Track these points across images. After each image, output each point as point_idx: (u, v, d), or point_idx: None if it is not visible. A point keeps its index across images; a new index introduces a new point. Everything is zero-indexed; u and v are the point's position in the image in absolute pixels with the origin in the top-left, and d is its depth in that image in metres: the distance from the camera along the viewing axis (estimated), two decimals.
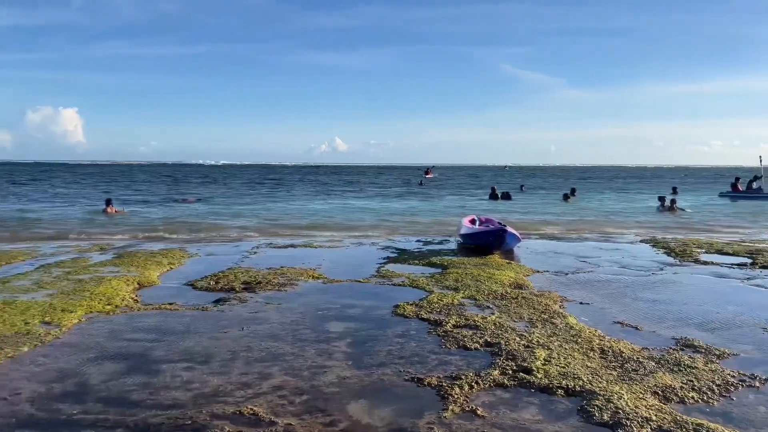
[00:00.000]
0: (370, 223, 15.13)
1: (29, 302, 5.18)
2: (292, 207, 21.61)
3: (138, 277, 6.50)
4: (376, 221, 15.71)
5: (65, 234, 11.87)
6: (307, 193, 33.63)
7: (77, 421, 2.96)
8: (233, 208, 20.65)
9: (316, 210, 20.07)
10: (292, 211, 19.70)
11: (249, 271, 6.97)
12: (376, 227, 14.03)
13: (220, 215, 17.58)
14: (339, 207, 21.80)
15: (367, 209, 20.73)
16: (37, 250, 8.77)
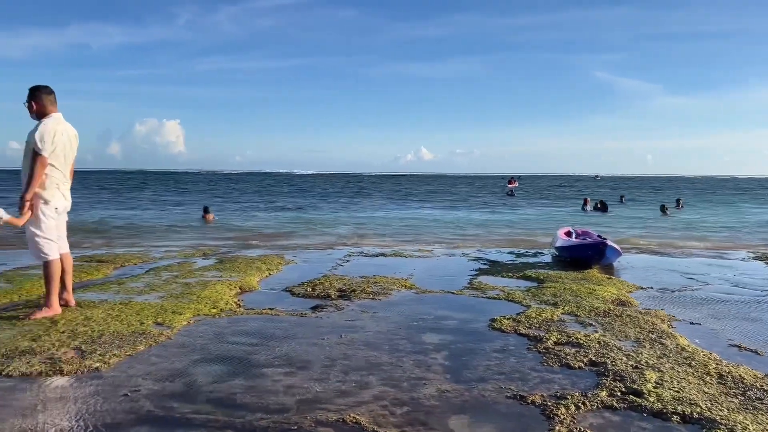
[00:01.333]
0: (458, 233, 15.00)
1: (143, 303, 5.51)
2: (379, 216, 21.84)
3: (239, 282, 6.76)
4: (464, 231, 15.55)
5: (170, 239, 12.59)
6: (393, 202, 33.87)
7: (190, 420, 3.09)
8: (323, 217, 21.15)
9: (403, 219, 20.16)
10: (380, 219, 19.89)
11: (343, 279, 7.08)
12: (464, 237, 13.90)
13: (312, 223, 18.04)
14: (425, 216, 21.79)
15: (453, 219, 20.59)
16: (147, 254, 9.35)
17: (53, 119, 4.93)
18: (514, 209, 27.18)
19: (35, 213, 4.86)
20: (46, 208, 4.89)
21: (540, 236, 14.39)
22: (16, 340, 4.28)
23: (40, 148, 4.76)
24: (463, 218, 21.21)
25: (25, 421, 3.00)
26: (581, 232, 10.45)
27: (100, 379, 3.62)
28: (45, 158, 4.79)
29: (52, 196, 4.92)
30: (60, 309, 5.08)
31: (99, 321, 4.84)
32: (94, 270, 7.56)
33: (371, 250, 10.59)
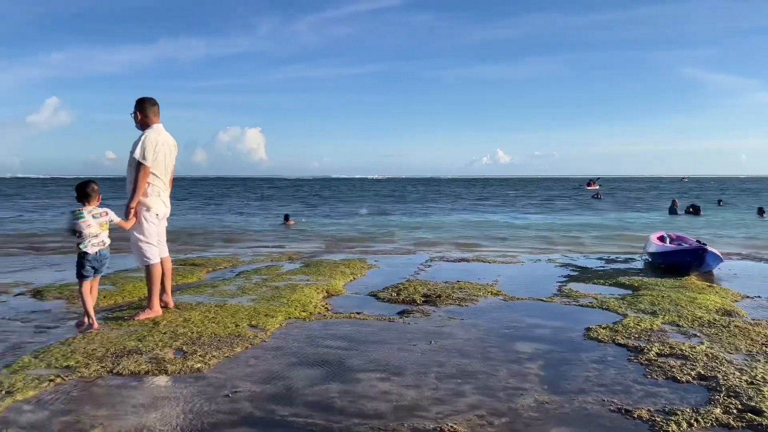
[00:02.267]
0: (542, 238, 14.61)
1: (237, 306, 5.69)
2: (456, 220, 21.64)
3: (326, 286, 6.86)
4: (547, 236, 15.13)
5: (255, 244, 12.99)
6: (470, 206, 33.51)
7: (290, 423, 3.14)
8: (401, 221, 21.20)
9: (482, 223, 19.88)
10: (457, 223, 19.71)
11: (427, 284, 7.04)
12: (548, 242, 13.51)
13: (390, 227, 18.12)
14: (505, 221, 21.39)
15: (535, 223, 20.09)
16: (236, 258, 9.68)
17: (154, 130, 5.19)
18: (598, 212, 26.21)
19: (138, 219, 5.12)
20: (148, 214, 5.15)
21: (629, 241, 13.78)
22: (124, 340, 4.51)
23: (142, 158, 5.01)
24: (545, 222, 20.66)
25: (138, 418, 3.15)
26: (675, 237, 9.90)
27: (202, 380, 3.74)
28: (147, 168, 5.04)
29: (154, 203, 5.17)
30: (161, 311, 5.32)
31: (197, 323, 5.03)
32: (189, 273, 7.89)
33: (452, 254, 10.48)
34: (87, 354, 4.15)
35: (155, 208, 5.19)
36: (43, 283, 7.16)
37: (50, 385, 3.58)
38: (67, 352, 4.18)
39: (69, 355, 4.12)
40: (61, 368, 3.89)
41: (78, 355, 4.11)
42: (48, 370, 3.86)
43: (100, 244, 4.88)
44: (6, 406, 3.26)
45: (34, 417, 3.14)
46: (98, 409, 3.26)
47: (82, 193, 4.85)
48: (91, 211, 4.85)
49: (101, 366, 3.92)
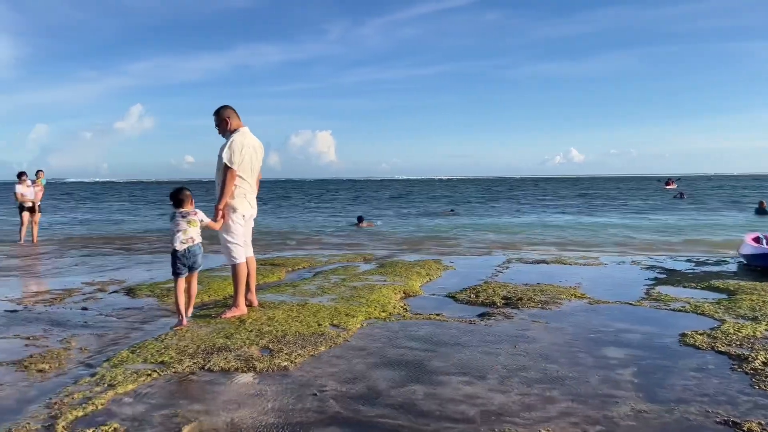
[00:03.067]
0: (623, 239, 14.04)
1: (318, 305, 5.77)
2: (530, 220, 21.16)
3: (403, 287, 6.85)
4: (629, 237, 14.52)
5: (330, 245, 13.17)
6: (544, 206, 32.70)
7: (377, 424, 3.13)
8: (473, 222, 20.95)
9: (558, 224, 19.34)
10: (532, 224, 19.26)
11: (506, 286, 6.89)
12: (630, 243, 12.97)
13: (463, 228, 17.94)
14: (581, 221, 20.72)
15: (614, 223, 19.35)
16: (313, 259, 9.84)
17: (240, 133, 5.33)
18: (680, 213, 24.96)
19: (225, 220, 5.28)
20: (235, 215, 5.30)
21: (719, 242, 13.02)
22: (213, 337, 4.66)
23: (229, 161, 5.17)
24: (624, 223, 19.86)
25: (231, 414, 3.23)
26: None
27: (289, 378, 3.80)
28: (234, 171, 5.19)
29: (240, 205, 5.32)
30: (246, 309, 5.47)
31: (281, 321, 5.13)
32: (269, 273, 8.08)
33: (530, 256, 10.24)
34: (179, 350, 4.31)
35: (241, 209, 5.33)
36: (135, 282, 7.54)
37: (147, 380, 3.73)
38: (161, 348, 4.35)
39: (163, 351, 4.29)
40: (156, 363, 4.06)
41: (171, 351, 4.27)
42: (144, 365, 4.03)
43: (189, 240, 5.06)
44: (109, 398, 3.42)
45: (134, 410, 3.28)
46: (193, 403, 3.37)
47: (176, 200, 5.06)
48: (182, 212, 5.06)
49: (193, 362, 4.06)
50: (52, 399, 3.42)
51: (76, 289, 7.10)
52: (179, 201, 5.06)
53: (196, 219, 5.08)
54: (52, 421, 3.09)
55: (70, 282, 7.67)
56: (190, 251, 5.08)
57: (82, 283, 7.54)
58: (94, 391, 3.52)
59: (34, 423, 3.08)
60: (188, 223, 5.04)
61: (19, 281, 7.98)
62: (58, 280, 7.88)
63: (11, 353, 4.41)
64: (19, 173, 13.20)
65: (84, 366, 4.11)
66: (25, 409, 3.31)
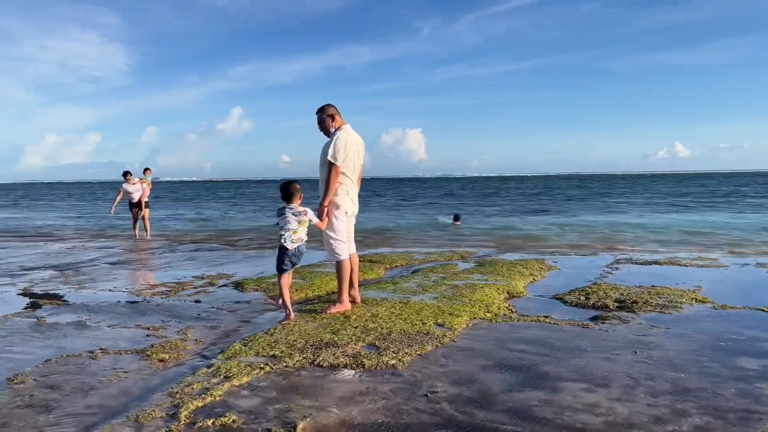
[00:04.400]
0: (742, 239, 12.95)
1: (420, 303, 5.69)
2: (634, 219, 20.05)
3: (506, 287, 6.64)
4: (746, 237, 13.37)
5: (425, 242, 13.08)
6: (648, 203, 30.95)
7: (493, 429, 2.99)
8: (572, 219, 20.16)
9: (665, 222, 18.19)
10: (636, 222, 18.24)
11: (618, 288, 6.51)
12: (748, 244, 11.94)
13: (563, 226, 17.29)
14: (692, 219, 19.39)
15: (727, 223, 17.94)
16: (410, 256, 9.78)
17: (344, 131, 5.35)
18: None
19: (329, 217, 5.32)
20: (338, 212, 5.33)
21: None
22: (319, 332, 4.70)
23: (334, 158, 5.19)
24: (741, 222, 18.37)
25: (342, 411, 3.21)
26: None
27: (398, 377, 3.74)
28: (339, 167, 5.21)
29: (343, 202, 5.34)
30: (350, 305, 5.49)
31: (385, 318, 5.09)
32: (368, 270, 8.11)
33: (640, 256, 9.65)
34: (289, 344, 4.37)
35: (344, 206, 5.35)
36: (242, 276, 7.81)
37: (260, 373, 3.80)
38: (271, 342, 4.44)
39: (273, 344, 4.37)
40: (267, 357, 4.13)
41: (281, 345, 4.34)
42: (256, 358, 4.12)
43: (299, 240, 5.14)
44: (225, 390, 3.51)
45: (249, 402, 3.34)
46: (305, 398, 3.39)
47: (286, 192, 5.14)
48: (293, 209, 5.14)
49: (303, 357, 4.09)
50: (174, 388, 3.55)
51: (188, 283, 7.44)
52: (289, 195, 5.14)
53: (306, 219, 5.14)
54: (175, 410, 3.20)
55: (182, 275, 8.07)
56: (299, 250, 5.16)
57: (192, 277, 7.90)
58: (212, 383, 3.62)
59: (159, 411, 3.21)
60: (299, 222, 5.12)
61: (136, 274, 8.49)
62: (170, 274, 8.31)
63: (134, 342, 4.66)
64: (124, 172, 13.99)
65: (200, 357, 4.26)
66: (150, 396, 3.46)
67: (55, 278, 8.01)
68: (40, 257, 10.48)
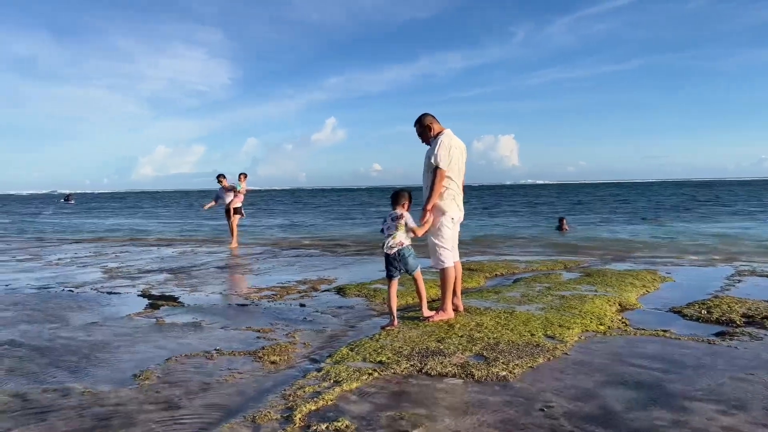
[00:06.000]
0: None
1: (527, 314, 5.50)
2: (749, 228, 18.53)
3: (617, 298, 6.29)
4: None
5: (525, 249, 12.72)
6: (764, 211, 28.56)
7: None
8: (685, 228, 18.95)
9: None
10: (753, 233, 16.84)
11: (744, 302, 5.99)
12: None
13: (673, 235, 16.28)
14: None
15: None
16: (511, 264, 9.52)
17: (446, 135, 5.29)
18: None
19: (435, 223, 5.26)
20: (444, 218, 5.25)
21: None
22: (424, 340, 4.64)
23: (438, 162, 5.14)
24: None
25: (454, 422, 3.12)
26: None
27: (510, 389, 3.61)
28: (443, 171, 5.15)
29: (449, 207, 5.26)
30: (453, 313, 5.40)
31: (490, 328, 4.96)
32: (467, 278, 7.97)
33: (765, 268, 8.86)
34: (395, 351, 4.34)
35: (451, 211, 5.28)
36: (343, 282, 7.91)
37: (369, 379, 3.79)
38: (377, 348, 4.43)
39: (379, 350, 4.36)
40: (375, 363, 4.12)
41: (388, 352, 4.32)
42: (364, 363, 4.12)
43: (398, 244, 5.12)
44: (336, 394, 3.52)
45: (360, 408, 3.33)
46: (415, 407, 3.33)
47: (393, 201, 5.18)
48: (392, 214, 5.15)
49: (410, 364, 4.05)
50: (286, 390, 3.61)
51: (292, 287, 7.64)
52: (394, 203, 5.17)
53: (403, 223, 5.13)
54: (289, 413, 3.25)
55: (286, 280, 8.29)
56: (400, 254, 5.14)
57: (296, 282, 8.10)
58: (322, 386, 3.65)
59: (274, 412, 3.26)
60: (396, 227, 5.11)
61: (242, 278, 8.83)
62: (274, 278, 8.57)
63: (247, 344, 4.81)
64: (218, 175, 13.84)
65: (309, 360, 4.32)
66: (264, 398, 3.53)
67: (170, 281, 8.49)
68: (155, 261, 11.17)
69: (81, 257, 12.07)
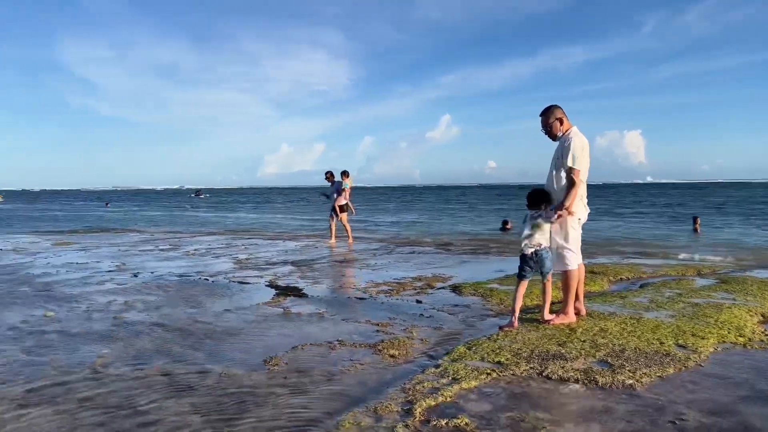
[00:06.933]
0: None
1: (655, 321, 5.20)
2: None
3: (760, 308, 5.77)
4: None
5: (651, 253, 11.99)
6: None
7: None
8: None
9: None
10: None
11: None
12: None
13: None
14: None
15: None
16: (636, 268, 9.02)
17: (577, 134, 5.11)
18: None
19: (563, 225, 5.10)
20: (572, 219, 5.09)
21: None
22: (544, 343, 4.54)
23: (575, 163, 4.96)
24: None
25: (578, 428, 3.04)
26: None
27: (637, 398, 3.45)
28: (579, 172, 4.97)
29: (577, 207, 5.10)
30: (574, 317, 5.23)
31: (615, 334, 4.75)
32: (589, 281, 7.65)
33: None
34: (513, 352, 4.30)
35: (579, 212, 5.11)
36: (459, 280, 7.92)
37: (488, 379, 3.78)
38: (495, 348, 4.40)
39: (498, 351, 4.33)
40: (493, 363, 4.10)
41: (506, 353, 4.28)
42: (482, 363, 4.11)
43: (537, 245, 5.04)
44: (455, 392, 3.56)
45: (480, 407, 3.34)
46: (537, 410, 3.28)
47: (530, 201, 5.15)
48: (531, 214, 5.10)
49: (529, 367, 3.99)
50: (406, 384, 3.70)
51: (408, 283, 7.76)
52: (532, 203, 5.11)
53: (540, 222, 5.04)
54: (410, 406, 3.33)
55: (401, 276, 8.44)
56: (538, 255, 5.06)
57: (411, 278, 8.22)
58: (441, 383, 3.70)
59: (394, 405, 3.36)
60: (533, 227, 5.04)
61: (360, 272, 9.09)
62: (389, 274, 8.74)
63: (366, 337, 4.97)
64: (326, 172, 14.21)
65: (427, 357, 4.39)
66: (384, 390, 3.65)
67: (294, 273, 8.94)
68: (279, 254, 11.81)
69: (214, 248, 13.03)
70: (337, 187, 14.18)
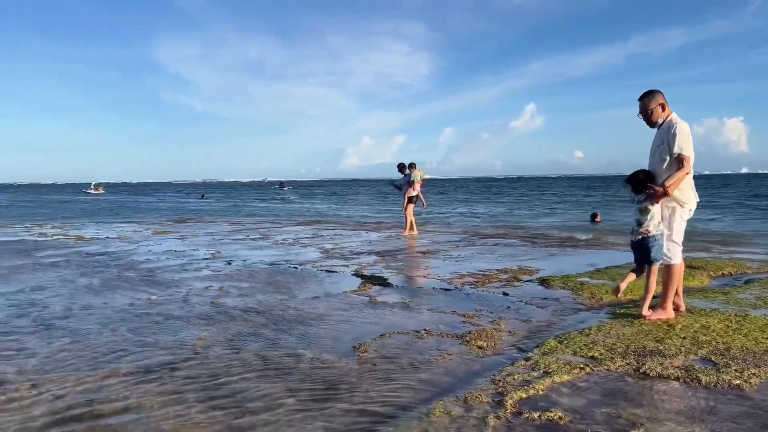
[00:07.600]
0: None
1: (763, 319, 4.86)
2: None
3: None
4: None
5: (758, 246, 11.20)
6: None
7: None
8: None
9: None
10: None
11: None
12: None
13: None
14: None
15: None
16: (739, 262, 8.46)
17: (679, 121, 4.84)
18: None
19: (670, 216, 4.85)
20: (682, 210, 4.84)
21: None
22: (640, 338, 4.36)
23: (685, 150, 4.70)
24: None
25: (679, 427, 2.90)
26: None
27: (745, 400, 3.24)
28: (689, 158, 4.72)
29: (690, 198, 4.84)
30: (672, 313, 4.98)
31: (719, 332, 4.49)
32: (688, 276, 7.23)
33: None
34: (608, 347, 4.15)
35: (690, 203, 4.85)
36: (547, 273, 7.73)
37: (581, 373, 3.68)
38: (588, 343, 4.28)
39: (591, 345, 4.20)
40: (586, 357, 3.99)
41: (600, 347, 4.15)
42: (574, 357, 4.01)
43: (645, 232, 4.85)
44: (547, 385, 3.49)
45: (573, 402, 3.26)
46: (634, 407, 3.16)
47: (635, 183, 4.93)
48: (635, 198, 4.92)
49: (625, 362, 3.85)
50: (495, 376, 3.66)
51: (493, 275, 7.66)
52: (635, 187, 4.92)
53: (646, 206, 4.82)
54: (501, 398, 3.30)
55: (486, 268, 8.34)
56: (644, 243, 4.86)
57: (496, 270, 8.11)
58: (532, 376, 3.64)
59: (485, 396, 3.34)
60: (640, 211, 4.86)
61: (443, 264, 9.06)
62: (474, 266, 8.66)
63: (453, 327, 4.97)
64: (399, 164, 14.33)
65: (516, 349, 4.33)
66: (474, 380, 3.63)
67: (378, 263, 9.05)
68: (364, 244, 11.98)
69: (301, 238, 13.41)
70: (408, 178, 14.26)
